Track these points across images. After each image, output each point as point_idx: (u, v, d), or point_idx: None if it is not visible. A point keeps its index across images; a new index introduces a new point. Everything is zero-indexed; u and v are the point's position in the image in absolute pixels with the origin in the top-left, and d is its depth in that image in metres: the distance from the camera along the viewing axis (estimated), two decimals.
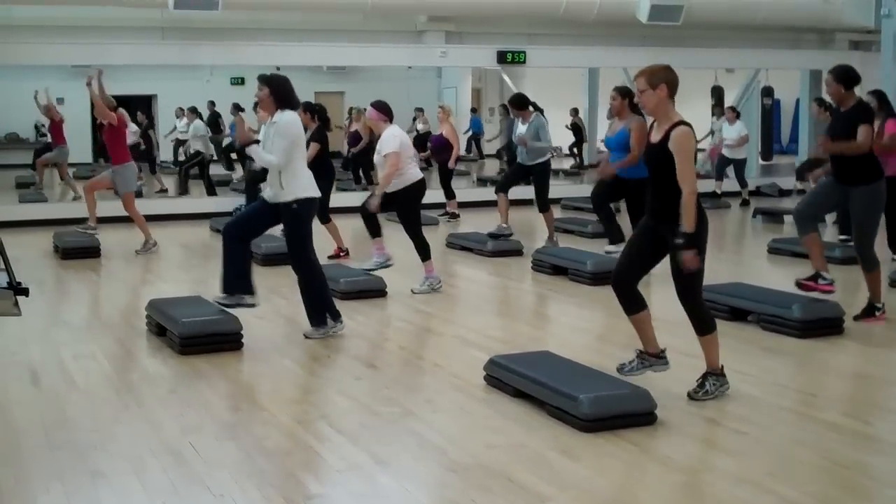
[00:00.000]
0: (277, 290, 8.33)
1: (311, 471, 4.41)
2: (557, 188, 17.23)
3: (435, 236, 12.18)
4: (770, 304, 7.02)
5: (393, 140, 8.22)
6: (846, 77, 7.06)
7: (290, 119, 6.58)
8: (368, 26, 18.66)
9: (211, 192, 16.29)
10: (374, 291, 8.29)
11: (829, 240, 10.53)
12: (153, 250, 11.02)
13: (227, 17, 16.10)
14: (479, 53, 17.85)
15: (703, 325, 5.31)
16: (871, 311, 7.21)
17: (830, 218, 11.94)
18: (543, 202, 10.96)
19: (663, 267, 5.36)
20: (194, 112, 17.02)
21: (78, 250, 10.72)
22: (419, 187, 8.45)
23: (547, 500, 4.00)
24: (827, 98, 9.58)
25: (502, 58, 16.85)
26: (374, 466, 4.42)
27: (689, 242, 5.06)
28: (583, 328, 7.49)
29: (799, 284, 7.29)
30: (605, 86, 18.88)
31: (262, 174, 7.80)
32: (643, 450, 4.60)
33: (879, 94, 9.45)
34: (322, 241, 10.53)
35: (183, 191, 16.55)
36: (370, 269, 8.72)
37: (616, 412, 4.85)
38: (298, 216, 6.66)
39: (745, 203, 15.85)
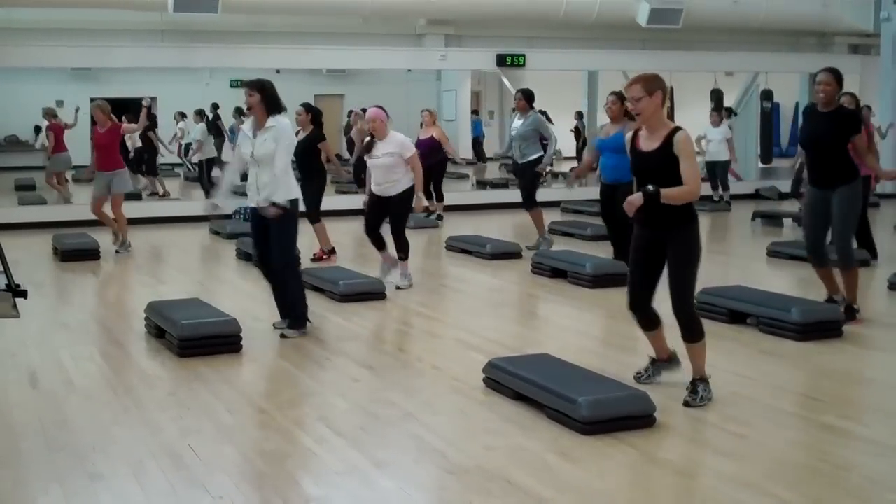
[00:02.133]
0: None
1: (310, 473, 4.41)
2: (557, 191, 17.25)
3: (433, 239, 12.20)
4: (769, 306, 7.02)
5: (409, 141, 8.59)
6: (841, 80, 7.09)
7: (287, 124, 6.85)
8: (368, 29, 18.66)
9: (208, 194, 16.11)
10: (373, 294, 8.30)
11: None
12: (129, 250, 11.20)
13: (227, 19, 16.11)
14: (478, 56, 17.87)
15: (696, 332, 5.30)
16: (850, 313, 7.18)
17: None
18: (528, 200, 11.01)
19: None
20: (201, 115, 16.89)
21: (77, 252, 10.73)
22: (412, 192, 8.63)
23: (546, 503, 4.00)
24: None
25: (502, 61, 16.87)
26: (373, 469, 4.42)
27: (651, 194, 5.01)
28: (582, 331, 7.49)
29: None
30: (605, 89, 18.86)
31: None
32: (642, 452, 4.60)
33: (856, 97, 9.60)
34: (308, 242, 10.56)
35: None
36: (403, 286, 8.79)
37: (615, 415, 4.84)
38: (292, 216, 6.83)
39: (724, 204, 16.00)
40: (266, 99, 6.71)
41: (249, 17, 17.17)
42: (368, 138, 8.71)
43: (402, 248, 8.77)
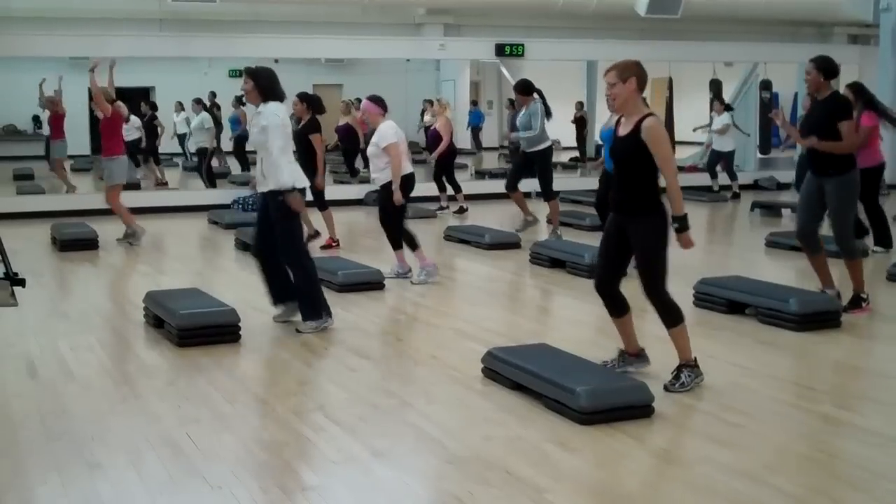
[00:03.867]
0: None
1: (308, 462, 4.42)
2: (556, 181, 17.22)
3: (433, 229, 12.19)
4: (767, 297, 7.02)
5: (390, 131, 8.34)
6: (827, 67, 7.09)
7: (273, 109, 6.70)
8: (367, 19, 18.63)
9: (209, 184, 16.19)
10: (371, 284, 8.30)
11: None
12: (137, 243, 11.00)
13: (225, 9, 16.08)
14: (477, 46, 17.83)
15: (671, 316, 5.35)
16: (857, 302, 7.23)
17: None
18: (546, 190, 11.08)
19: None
20: (199, 104, 16.86)
21: (76, 242, 10.72)
22: (408, 181, 8.51)
23: (544, 492, 4.01)
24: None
25: (501, 50, 16.83)
26: (371, 458, 4.42)
27: (683, 225, 5.22)
28: (580, 321, 7.50)
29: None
30: (604, 79, 18.84)
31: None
32: (640, 442, 4.61)
33: (857, 87, 9.48)
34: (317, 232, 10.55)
35: (211, 184, 16.27)
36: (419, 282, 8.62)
37: (613, 405, 4.85)
38: (285, 206, 6.70)
39: (735, 196, 15.92)
40: (259, 86, 6.70)
41: (248, 6, 17.14)
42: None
43: (391, 240, 8.64)
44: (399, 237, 8.62)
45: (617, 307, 5.54)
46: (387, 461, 4.41)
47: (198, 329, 6.44)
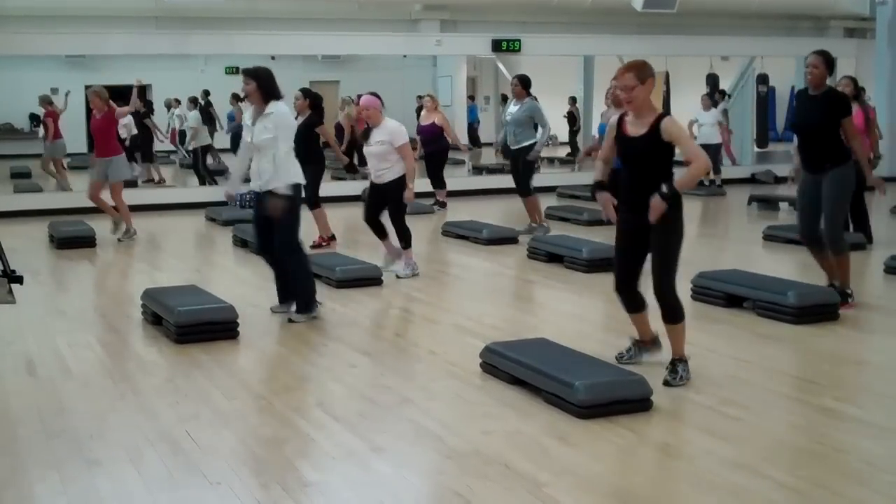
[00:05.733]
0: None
1: (308, 458, 4.41)
2: (553, 176, 17.26)
3: (429, 225, 12.20)
4: (765, 290, 7.03)
5: (403, 129, 8.48)
6: (832, 61, 7.11)
7: (285, 110, 6.90)
8: (363, 15, 18.58)
9: (203, 181, 16.20)
10: (369, 280, 8.30)
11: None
12: (134, 238, 11.15)
13: (222, 6, 16.06)
14: (474, 42, 17.81)
15: (676, 314, 5.37)
16: (843, 297, 7.17)
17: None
18: (524, 187, 11.08)
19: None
20: (194, 102, 16.88)
21: (73, 240, 10.72)
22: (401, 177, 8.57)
23: (543, 487, 4.01)
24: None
25: (497, 46, 16.83)
26: (371, 453, 4.43)
27: (669, 196, 5.11)
28: (578, 315, 7.50)
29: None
30: (600, 74, 18.85)
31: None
32: (639, 436, 4.61)
33: (855, 81, 9.64)
34: (307, 228, 10.55)
35: (212, 181, 16.28)
36: (388, 270, 8.71)
37: (612, 398, 4.85)
38: (292, 206, 6.85)
39: (719, 188, 16.00)
40: (262, 87, 6.78)
41: (244, 2, 17.09)
42: (366, 126, 8.67)
43: (402, 237, 8.67)
44: (409, 233, 8.68)
45: (635, 305, 5.58)
46: (386, 456, 4.41)
47: (196, 326, 6.44)
